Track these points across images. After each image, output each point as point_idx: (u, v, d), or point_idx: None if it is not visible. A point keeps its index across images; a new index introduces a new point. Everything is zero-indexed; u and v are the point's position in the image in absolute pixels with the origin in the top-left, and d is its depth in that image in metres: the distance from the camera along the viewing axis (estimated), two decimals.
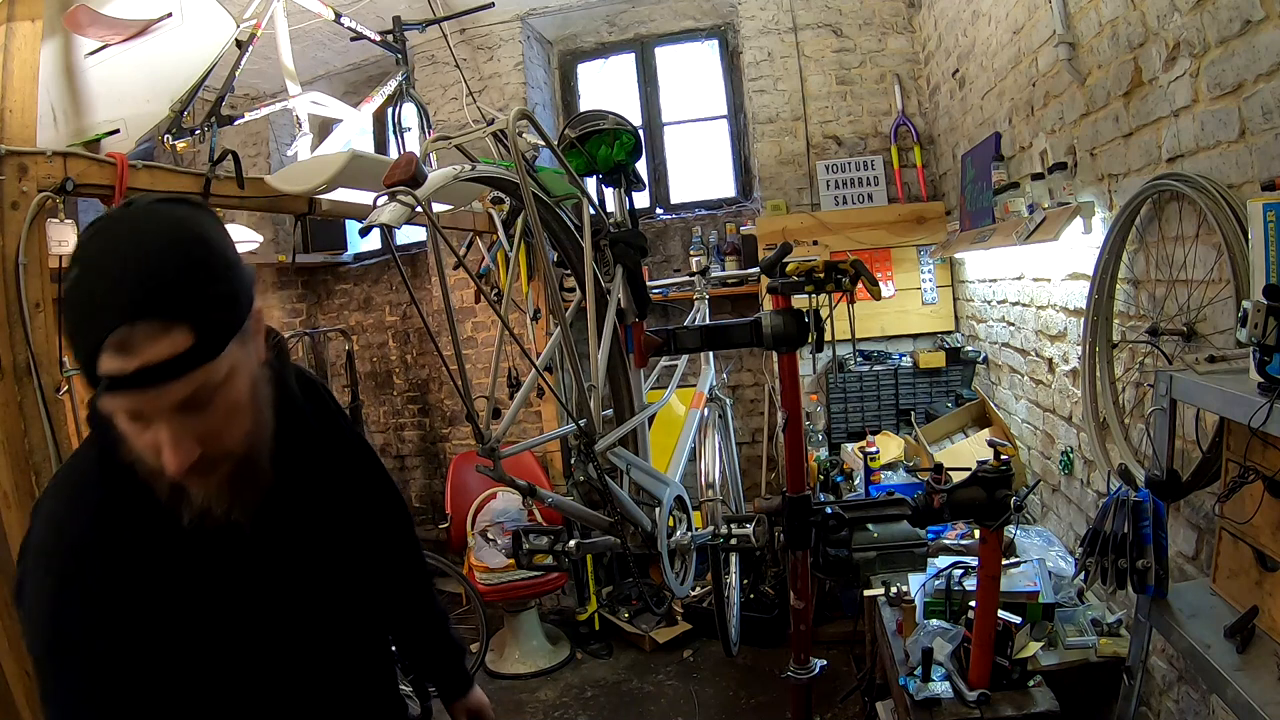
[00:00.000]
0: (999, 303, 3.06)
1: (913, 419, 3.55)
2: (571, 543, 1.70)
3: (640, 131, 1.95)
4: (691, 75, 4.51)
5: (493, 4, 3.64)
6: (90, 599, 0.80)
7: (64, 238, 1.78)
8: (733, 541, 1.91)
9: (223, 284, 0.79)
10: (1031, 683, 1.79)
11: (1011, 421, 2.99)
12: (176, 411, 0.76)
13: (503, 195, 1.73)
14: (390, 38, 3.17)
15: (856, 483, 3.10)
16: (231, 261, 0.81)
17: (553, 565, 1.74)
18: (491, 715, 1.31)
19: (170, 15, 2.14)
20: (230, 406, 0.80)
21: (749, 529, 1.88)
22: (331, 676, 0.99)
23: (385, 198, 1.12)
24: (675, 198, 4.52)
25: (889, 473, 3.08)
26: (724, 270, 3.95)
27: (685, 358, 2.85)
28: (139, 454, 0.79)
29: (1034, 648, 1.84)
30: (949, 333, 3.70)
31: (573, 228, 1.66)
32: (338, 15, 2.88)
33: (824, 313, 1.93)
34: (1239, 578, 1.29)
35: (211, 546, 0.85)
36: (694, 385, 2.71)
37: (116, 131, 2.13)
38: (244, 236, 3.40)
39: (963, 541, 2.47)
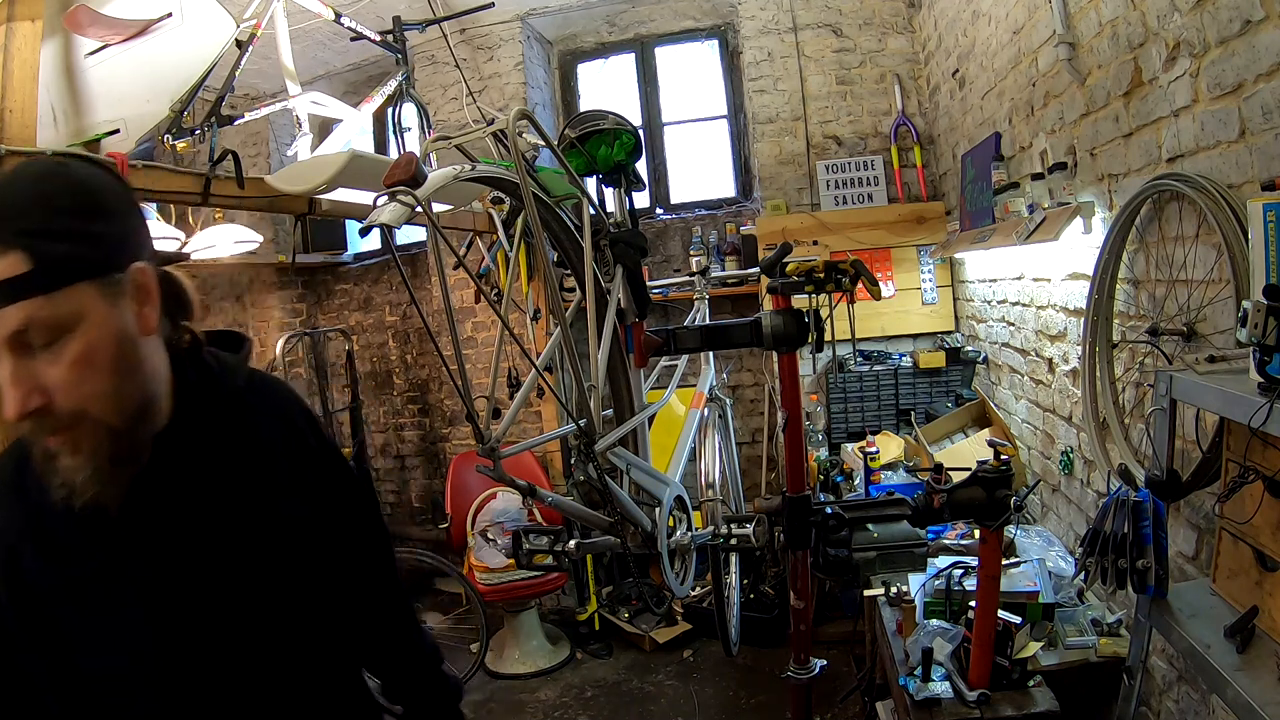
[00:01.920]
0: (999, 303, 3.06)
1: (913, 419, 3.55)
2: (571, 543, 1.70)
3: (640, 131, 1.95)
4: (691, 75, 4.51)
5: (493, 4, 3.64)
6: None
7: None
8: (733, 541, 1.91)
9: (79, 224, 0.77)
10: (1031, 683, 1.79)
11: (1011, 421, 2.99)
12: (15, 349, 0.74)
13: (503, 195, 1.73)
14: (390, 38, 3.17)
15: (856, 483, 3.10)
16: (105, 212, 0.80)
17: (553, 565, 1.74)
18: None
19: (170, 15, 2.13)
20: (80, 359, 0.76)
21: (749, 529, 1.88)
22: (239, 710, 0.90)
23: (385, 198, 1.12)
24: (675, 198, 4.52)
25: (889, 473, 3.08)
26: (724, 270, 3.95)
27: (685, 358, 2.85)
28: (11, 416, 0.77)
29: (1034, 648, 1.84)
30: (949, 333, 3.70)
31: (573, 228, 1.66)
32: (338, 15, 2.88)
33: (824, 313, 1.92)
34: (1239, 578, 1.29)
35: (80, 530, 0.82)
36: (694, 385, 2.70)
37: (116, 131, 2.13)
38: (244, 236, 3.41)
39: (963, 541, 2.47)
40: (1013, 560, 2.14)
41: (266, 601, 0.91)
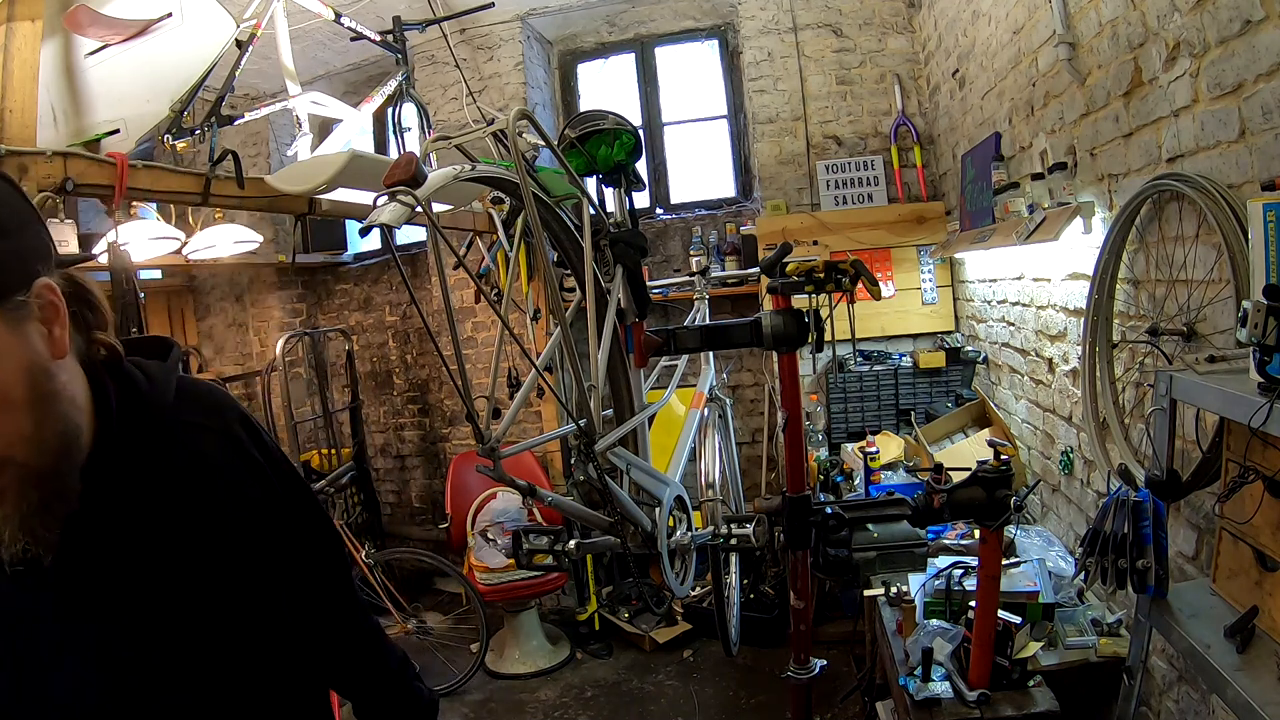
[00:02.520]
0: (999, 303, 3.06)
1: (913, 419, 3.55)
2: (571, 543, 1.70)
3: (640, 131, 1.95)
4: (691, 75, 4.51)
5: (493, 4, 3.64)
6: None
7: (64, 238, 1.78)
8: (733, 541, 1.91)
9: None
10: (1031, 683, 1.79)
11: (1011, 421, 2.99)
12: None
13: (503, 195, 1.73)
14: (390, 38, 3.17)
15: (856, 483, 3.10)
16: None
17: (553, 565, 1.74)
18: None
19: (170, 15, 2.14)
20: None
21: (749, 529, 1.88)
22: None
23: (385, 198, 1.12)
24: (675, 198, 4.52)
25: (889, 473, 3.08)
26: (724, 270, 3.95)
27: (685, 358, 2.84)
28: None
29: (1034, 648, 1.84)
30: (949, 333, 3.70)
31: (573, 228, 1.66)
32: (338, 15, 2.88)
33: (824, 313, 1.92)
34: (1239, 578, 1.29)
35: (12, 585, 0.74)
36: (694, 385, 2.70)
37: (116, 131, 2.13)
38: (244, 236, 3.41)
39: (963, 541, 2.47)
40: (1013, 560, 2.14)
41: (215, 632, 0.85)
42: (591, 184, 1.94)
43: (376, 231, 1.11)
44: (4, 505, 0.70)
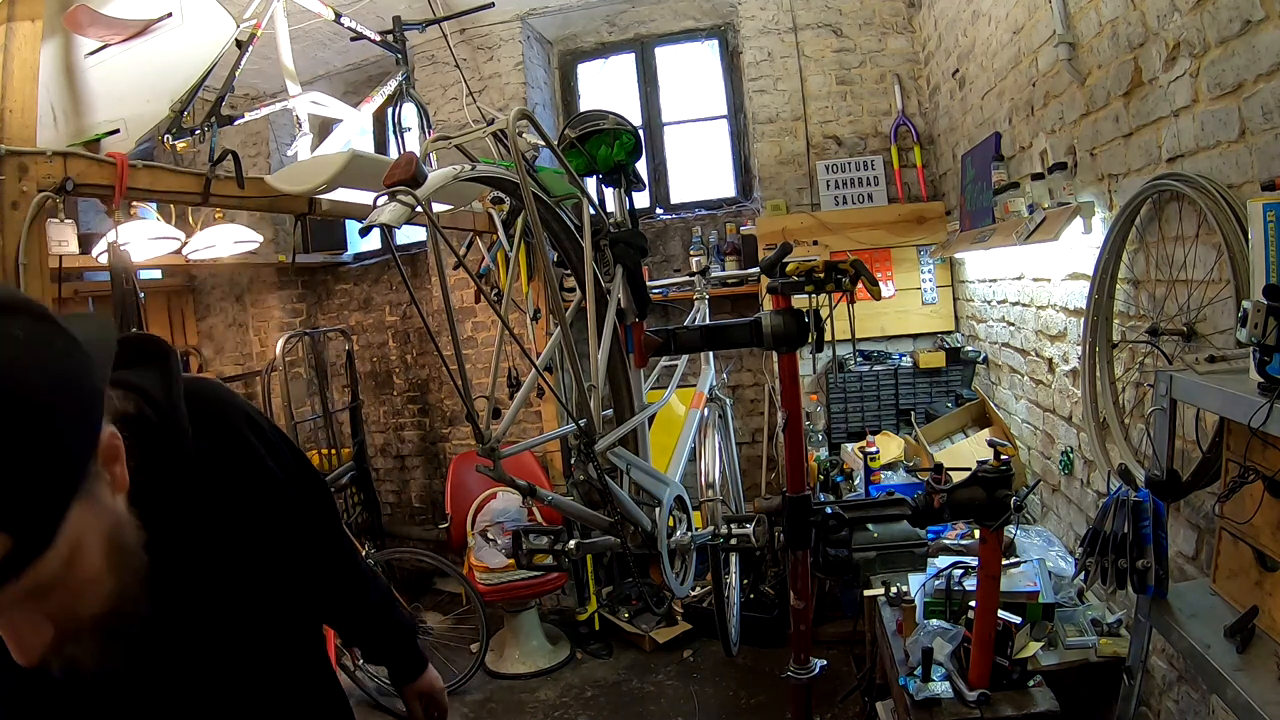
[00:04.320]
0: (999, 303, 3.06)
1: (913, 419, 3.55)
2: (571, 543, 1.70)
3: (640, 131, 1.95)
4: (691, 75, 4.51)
5: (493, 4, 3.64)
6: None
7: (64, 238, 1.78)
8: (733, 541, 1.91)
9: (45, 453, 0.59)
10: (1031, 683, 1.79)
11: (1011, 421, 2.99)
12: (13, 607, 0.63)
13: (503, 195, 1.73)
14: (390, 38, 3.17)
15: (856, 483, 3.10)
16: (57, 408, 0.60)
17: (553, 565, 1.74)
18: (443, 699, 1.29)
19: (170, 15, 2.14)
20: (82, 580, 0.66)
21: (749, 529, 1.88)
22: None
23: (385, 198, 1.12)
24: (675, 198, 4.52)
25: (889, 473, 3.08)
26: (724, 270, 3.95)
27: (685, 358, 2.85)
28: None
29: (1034, 648, 1.84)
30: (949, 333, 3.70)
31: (573, 228, 1.66)
32: (338, 15, 2.88)
33: (824, 313, 1.92)
34: (1239, 578, 1.29)
35: (88, 689, 0.75)
36: (694, 385, 2.71)
37: (116, 131, 2.13)
38: (244, 236, 3.41)
39: (963, 541, 2.47)
40: (1013, 560, 2.14)
41: (236, 625, 0.87)
42: (591, 184, 1.94)
43: (376, 231, 1.11)
44: (86, 642, 0.69)
